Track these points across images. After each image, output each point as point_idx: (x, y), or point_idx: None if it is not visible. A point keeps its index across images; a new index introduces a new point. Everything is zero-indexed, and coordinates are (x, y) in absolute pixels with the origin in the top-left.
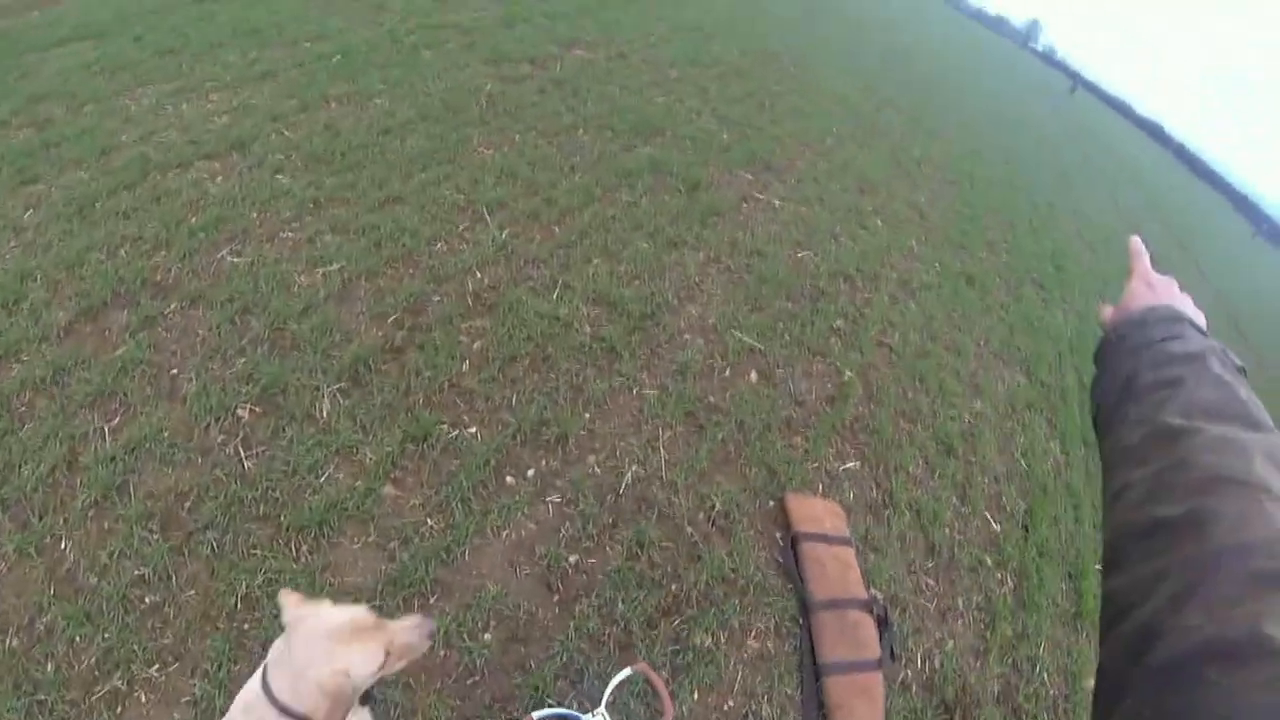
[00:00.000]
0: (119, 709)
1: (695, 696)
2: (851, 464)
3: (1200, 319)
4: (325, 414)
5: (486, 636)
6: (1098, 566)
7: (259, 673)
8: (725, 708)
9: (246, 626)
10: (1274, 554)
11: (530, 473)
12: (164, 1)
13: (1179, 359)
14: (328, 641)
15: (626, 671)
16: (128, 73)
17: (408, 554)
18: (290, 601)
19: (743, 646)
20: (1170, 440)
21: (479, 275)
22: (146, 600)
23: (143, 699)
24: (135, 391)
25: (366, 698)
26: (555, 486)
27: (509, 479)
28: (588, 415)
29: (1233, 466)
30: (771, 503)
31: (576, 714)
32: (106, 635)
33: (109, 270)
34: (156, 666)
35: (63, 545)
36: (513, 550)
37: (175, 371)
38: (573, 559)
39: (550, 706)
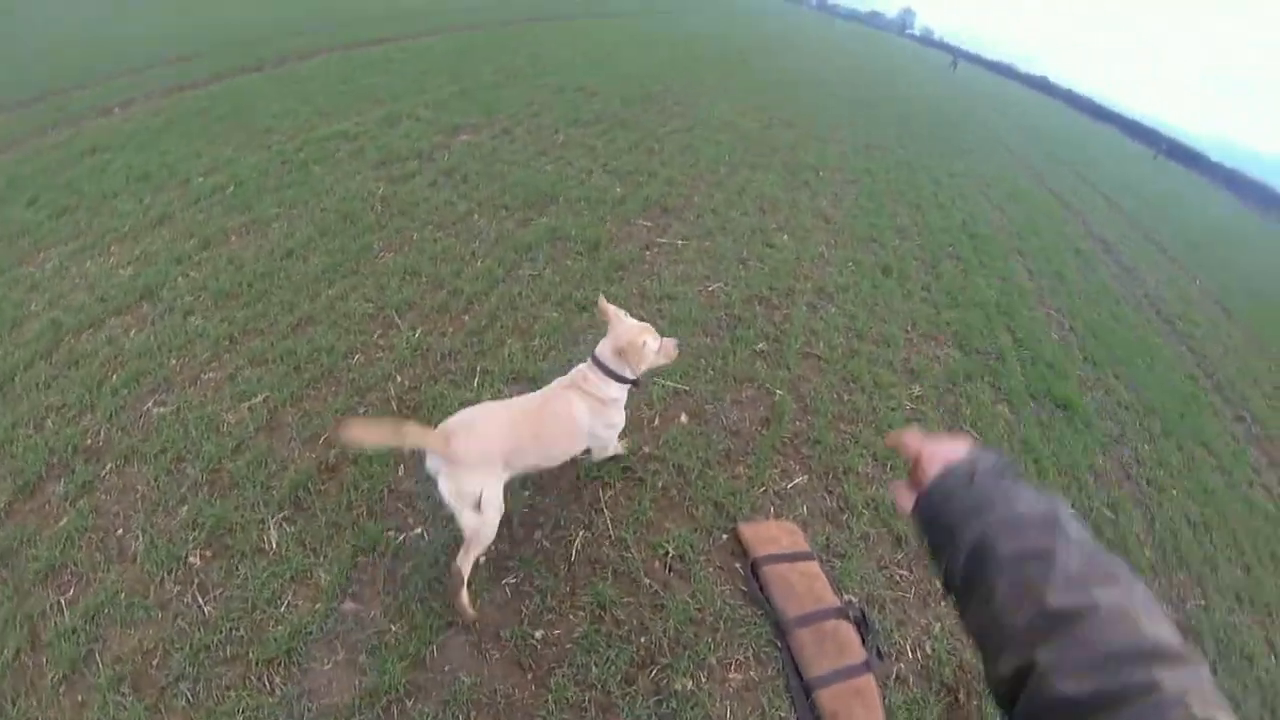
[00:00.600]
0: None
1: None
2: (799, 479)
3: (991, 460)
4: (274, 544)
5: None
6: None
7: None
8: None
9: None
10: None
11: (481, 559)
12: (56, 159)
13: (1035, 524)
14: (635, 328)
15: None
16: (27, 238)
17: (378, 664)
18: (609, 308)
19: (725, 682)
20: (1066, 621)
21: (399, 379)
22: None
23: None
24: (85, 560)
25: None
26: (508, 568)
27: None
28: (526, 493)
29: (1128, 638)
30: (725, 536)
31: None
32: None
33: (39, 443)
34: None
35: None
36: (478, 638)
37: (121, 532)
38: (538, 634)
39: None
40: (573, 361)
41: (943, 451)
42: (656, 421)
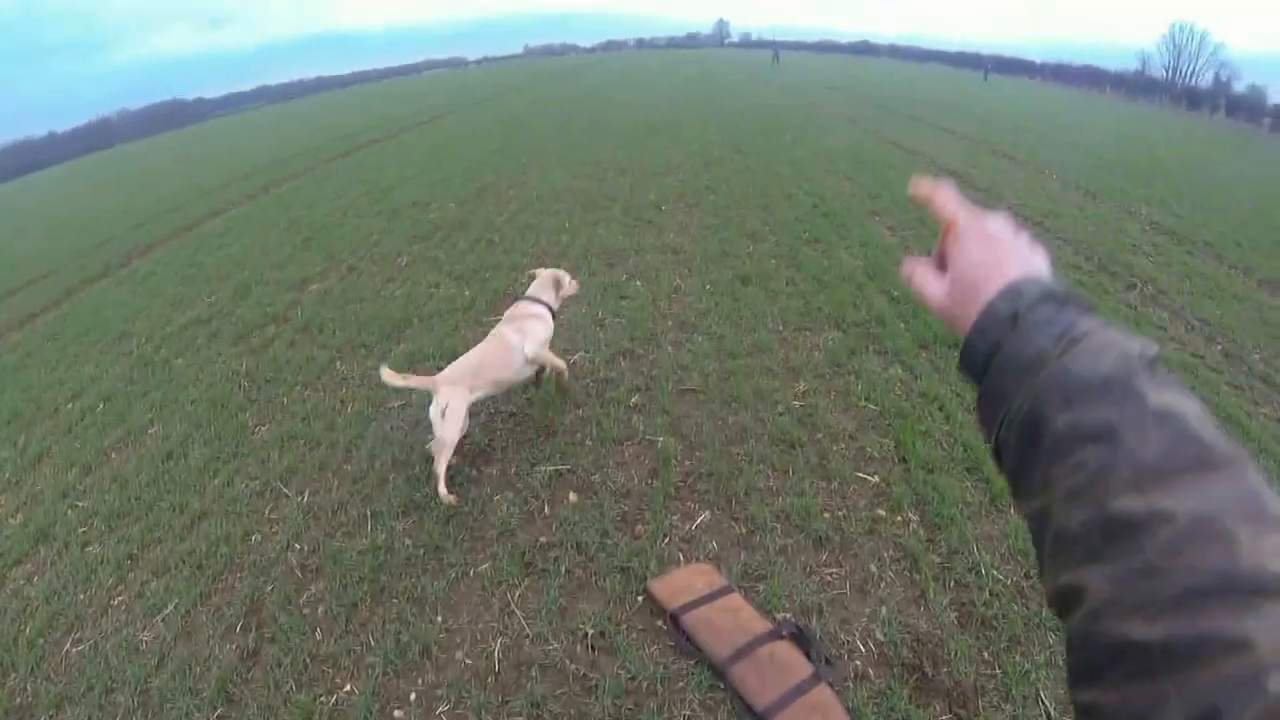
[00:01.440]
0: None
1: None
2: (701, 517)
3: (1046, 268)
4: None
5: None
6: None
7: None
8: None
9: None
10: None
11: (413, 697)
12: None
13: (1096, 389)
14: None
15: None
16: None
17: None
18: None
19: None
20: (1129, 534)
21: (298, 546)
22: None
23: None
24: None
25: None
26: (439, 697)
27: (397, 713)
28: (439, 618)
29: (1215, 565)
30: (640, 599)
31: None
32: None
33: None
34: None
35: None
36: None
37: None
38: None
39: None
40: None
41: (981, 263)
42: (546, 509)
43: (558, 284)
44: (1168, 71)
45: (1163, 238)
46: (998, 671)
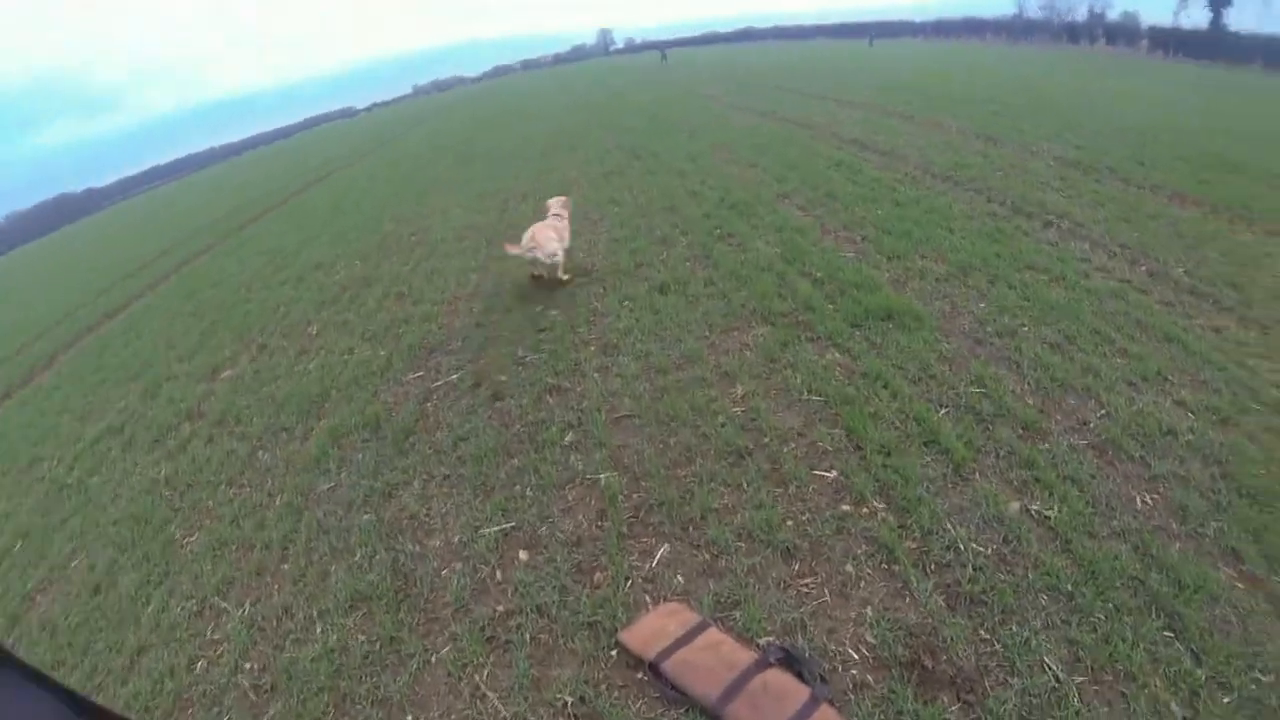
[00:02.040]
0: None
1: None
2: (660, 551)
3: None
4: None
5: None
6: (942, 410)
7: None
8: None
9: None
10: None
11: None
12: None
13: None
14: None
15: None
16: None
17: None
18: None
19: None
20: None
21: (248, 666)
22: None
23: None
24: None
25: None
26: None
27: None
28: (410, 717)
29: None
30: (614, 652)
31: None
32: None
33: None
34: None
35: None
36: None
37: None
38: None
39: None
40: None
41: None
42: (498, 574)
43: (566, 205)
44: (1044, 11)
45: (1069, 170)
46: (998, 647)
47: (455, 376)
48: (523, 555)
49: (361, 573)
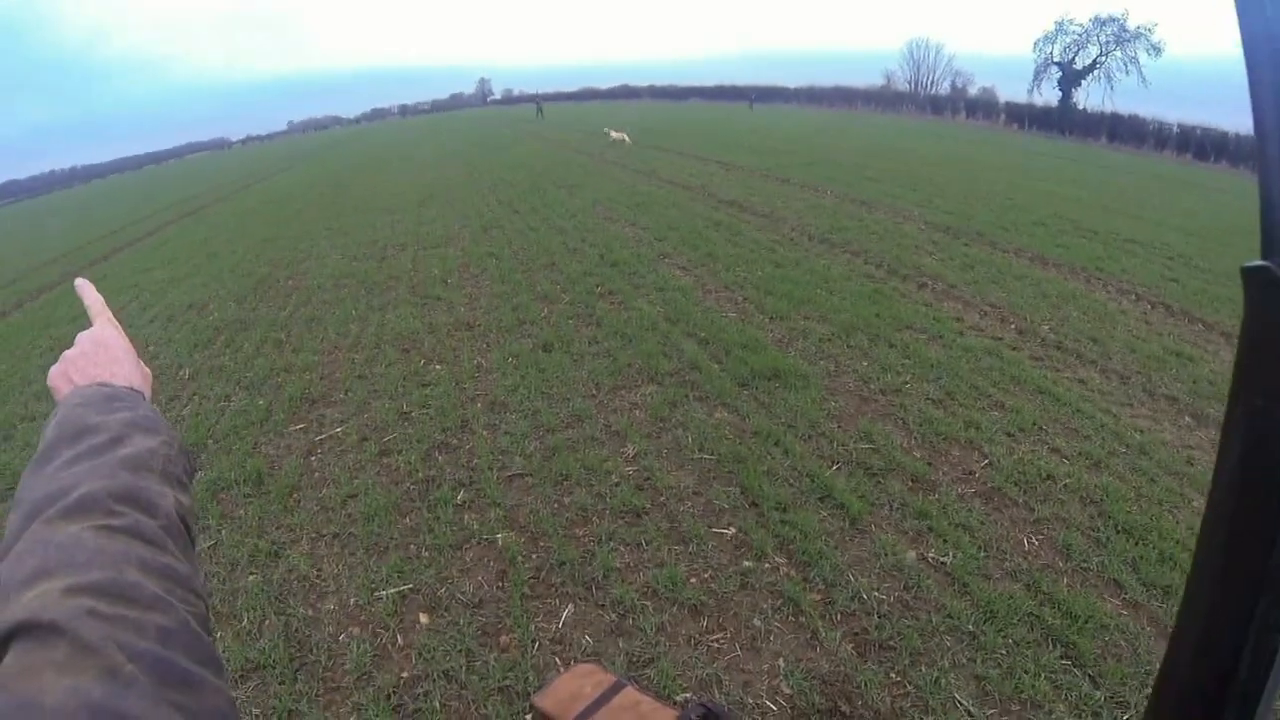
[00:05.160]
0: None
1: None
2: (565, 611)
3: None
4: None
5: None
6: (834, 467)
7: None
8: None
9: None
10: None
11: None
12: None
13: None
14: None
15: None
16: None
17: None
18: None
19: None
20: None
21: None
22: None
23: None
24: None
25: None
26: None
27: None
28: None
29: None
30: (528, 718)
31: None
32: None
33: None
34: None
35: None
36: None
37: None
38: None
39: None
40: None
41: None
42: (399, 639)
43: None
44: (910, 85)
45: (939, 235)
46: (910, 689)
47: (340, 430)
48: (424, 618)
49: (251, 639)
